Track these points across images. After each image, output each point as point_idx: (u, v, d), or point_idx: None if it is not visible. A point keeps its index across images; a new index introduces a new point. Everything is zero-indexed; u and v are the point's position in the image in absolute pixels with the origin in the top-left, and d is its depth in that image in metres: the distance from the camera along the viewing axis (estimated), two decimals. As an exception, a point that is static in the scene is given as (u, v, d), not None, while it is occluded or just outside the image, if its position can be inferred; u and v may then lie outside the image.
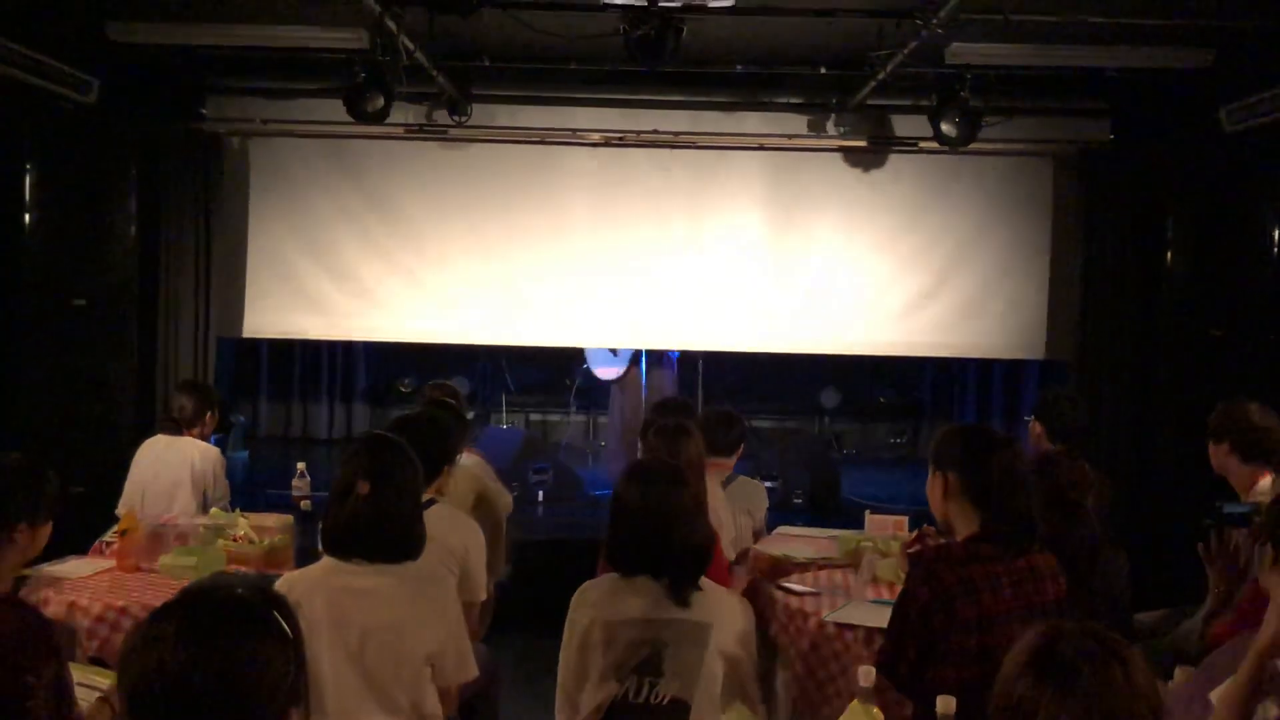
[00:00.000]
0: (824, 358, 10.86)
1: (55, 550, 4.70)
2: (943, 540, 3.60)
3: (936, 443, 3.46)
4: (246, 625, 1.87)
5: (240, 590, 1.94)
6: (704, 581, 3.28)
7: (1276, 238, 7.38)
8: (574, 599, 3.29)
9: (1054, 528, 3.75)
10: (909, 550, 4.41)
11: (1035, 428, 5.48)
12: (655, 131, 8.47)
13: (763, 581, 4.76)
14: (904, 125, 8.42)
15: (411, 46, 6.68)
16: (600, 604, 3.24)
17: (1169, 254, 8.06)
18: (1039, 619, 3.18)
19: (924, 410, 11.19)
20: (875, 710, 2.62)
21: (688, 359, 9.45)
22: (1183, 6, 6.06)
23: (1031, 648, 1.97)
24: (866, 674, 2.66)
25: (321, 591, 3.16)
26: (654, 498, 3.28)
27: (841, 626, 4.12)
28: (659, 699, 3.14)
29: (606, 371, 9.32)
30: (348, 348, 11.09)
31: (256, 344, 10.91)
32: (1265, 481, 4.42)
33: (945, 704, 2.53)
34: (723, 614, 3.24)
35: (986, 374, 10.89)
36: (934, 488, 3.36)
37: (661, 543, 3.22)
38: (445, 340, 9.14)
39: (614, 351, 9.20)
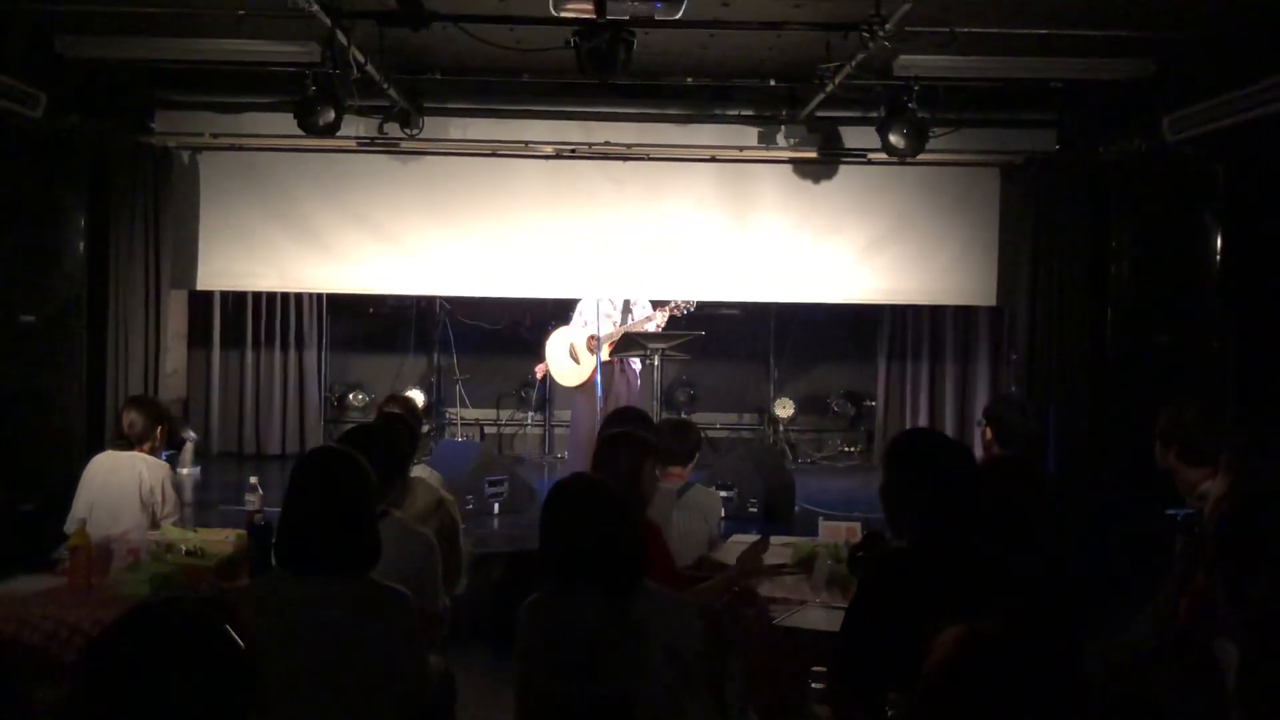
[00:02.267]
0: (777, 364, 11.00)
1: (5, 568, 4.69)
2: (894, 545, 3.65)
3: (889, 447, 3.51)
4: (198, 638, 1.87)
5: (191, 603, 1.95)
6: (646, 583, 3.31)
7: (1219, 245, 7.51)
8: (520, 613, 3.32)
9: (1003, 533, 3.80)
10: (858, 555, 4.45)
11: (986, 433, 5.54)
12: (607, 144, 8.52)
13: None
14: (853, 137, 8.51)
15: (363, 59, 6.67)
16: (542, 615, 3.28)
17: (1114, 261, 8.18)
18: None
19: (875, 418, 11.26)
20: (827, 712, 2.66)
21: (647, 367, 9.49)
22: (1123, 18, 6.17)
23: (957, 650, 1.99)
24: (819, 677, 2.69)
25: (275, 604, 3.15)
26: (577, 514, 3.33)
27: (794, 630, 4.15)
28: (604, 699, 3.16)
29: (568, 377, 9.32)
30: (301, 362, 11.03)
31: (207, 357, 10.84)
32: (1208, 484, 4.49)
33: (897, 705, 2.57)
34: (663, 613, 3.28)
35: (939, 382, 11.00)
36: (887, 492, 3.41)
37: (590, 555, 3.26)
38: (404, 291, 9.35)
39: (575, 358, 9.21)
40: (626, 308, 9.09)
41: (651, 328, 8.84)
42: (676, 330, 8.68)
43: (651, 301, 9.04)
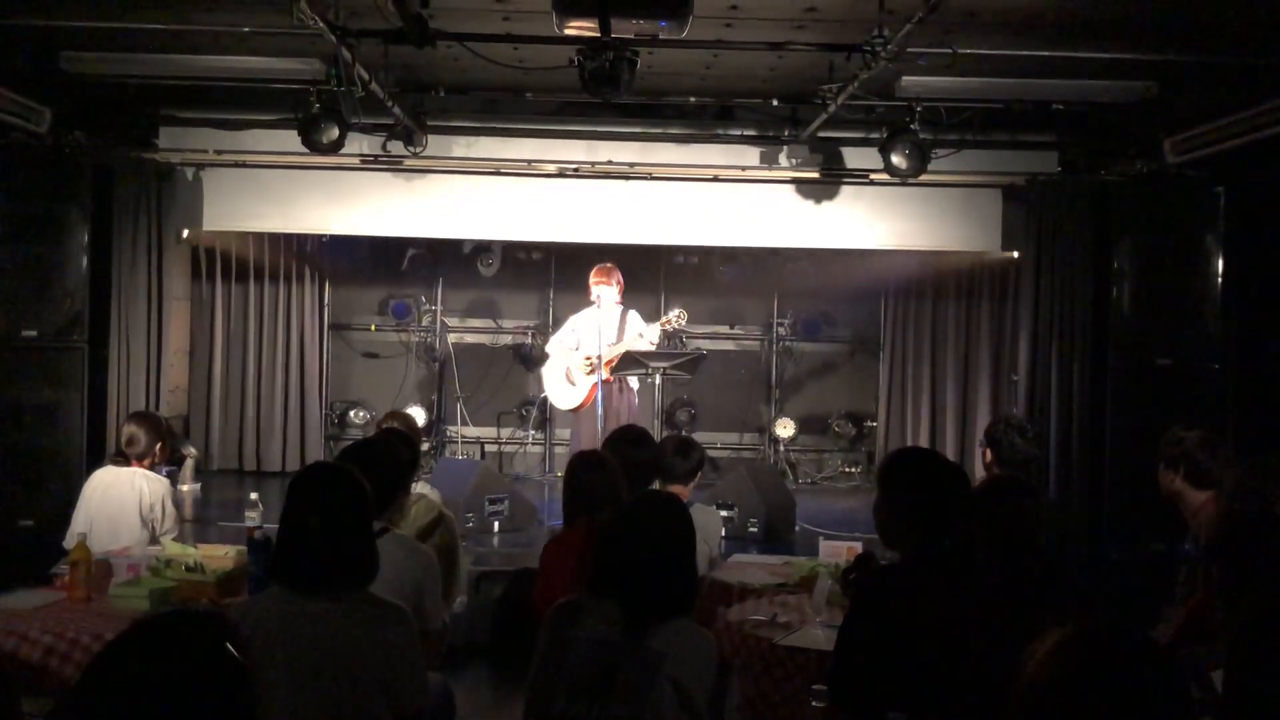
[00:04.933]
0: (778, 383, 11.00)
1: (5, 582, 4.68)
2: (886, 563, 3.64)
3: (882, 466, 3.52)
4: (197, 654, 1.87)
5: (190, 619, 1.95)
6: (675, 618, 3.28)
7: (1220, 267, 7.52)
8: (549, 612, 3.33)
9: (1000, 555, 3.79)
10: (850, 576, 4.44)
11: (986, 454, 5.54)
12: (610, 162, 8.55)
13: (718, 607, 4.77)
14: (855, 158, 8.55)
15: (367, 77, 6.70)
16: (563, 621, 3.27)
17: (1115, 283, 8.19)
18: (982, 642, 3.23)
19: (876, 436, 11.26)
20: (827, 731, 2.65)
21: (646, 387, 9.47)
22: (1125, 41, 6.19)
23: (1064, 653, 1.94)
24: (819, 695, 2.68)
25: (274, 620, 3.14)
26: (627, 526, 3.34)
27: (793, 650, 4.13)
28: None
29: (565, 400, 9.29)
30: (302, 379, 11.03)
31: (208, 373, 10.83)
32: (1211, 509, 4.49)
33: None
34: (681, 646, 3.22)
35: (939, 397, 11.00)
36: (881, 510, 3.40)
37: (621, 568, 3.25)
38: (413, 235, 9.56)
39: (571, 381, 9.18)
40: (622, 327, 9.05)
41: (645, 345, 8.82)
42: (675, 350, 8.69)
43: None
